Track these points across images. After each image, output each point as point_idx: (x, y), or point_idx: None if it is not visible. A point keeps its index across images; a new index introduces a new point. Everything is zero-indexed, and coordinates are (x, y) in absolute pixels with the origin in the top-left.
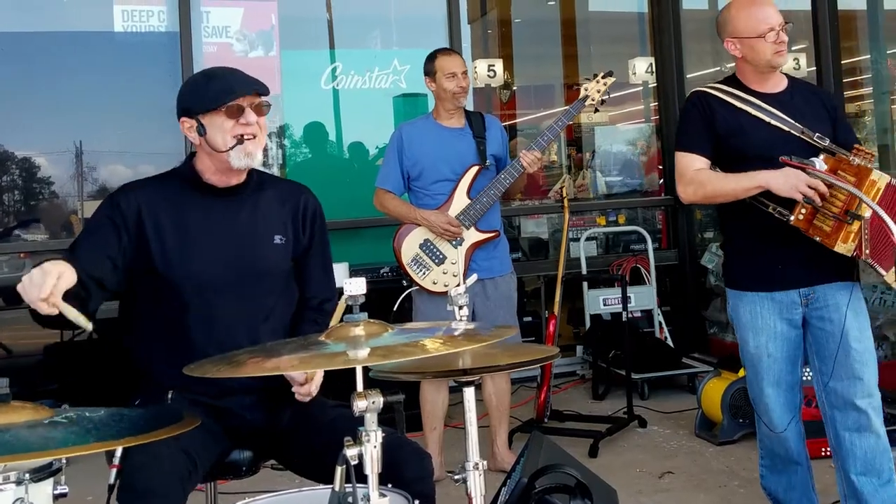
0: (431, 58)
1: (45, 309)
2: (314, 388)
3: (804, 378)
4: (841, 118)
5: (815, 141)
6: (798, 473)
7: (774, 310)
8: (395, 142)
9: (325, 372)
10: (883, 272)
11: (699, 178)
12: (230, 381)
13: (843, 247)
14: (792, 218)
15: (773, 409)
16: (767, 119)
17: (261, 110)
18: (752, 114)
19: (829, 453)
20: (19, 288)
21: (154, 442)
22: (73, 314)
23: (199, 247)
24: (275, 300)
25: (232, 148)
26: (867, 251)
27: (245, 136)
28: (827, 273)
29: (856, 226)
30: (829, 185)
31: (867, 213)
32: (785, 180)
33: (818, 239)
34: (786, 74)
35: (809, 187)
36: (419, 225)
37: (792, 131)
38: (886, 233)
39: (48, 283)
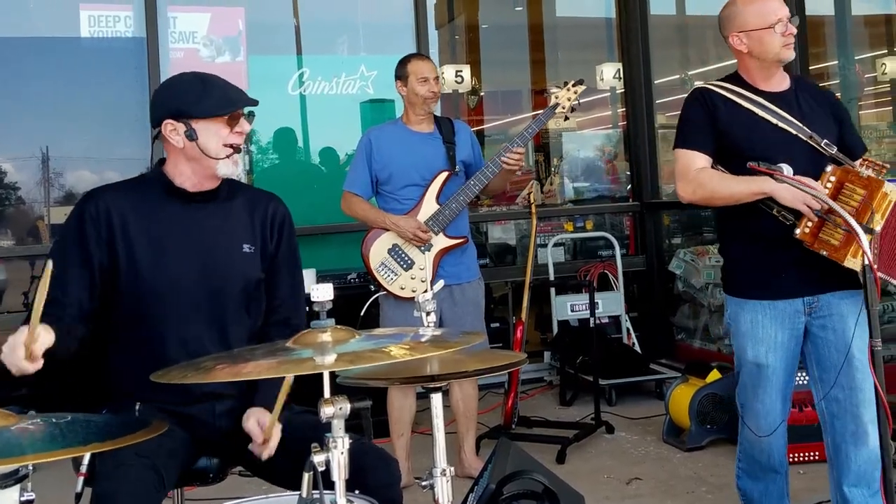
0: (404, 62)
1: (30, 368)
2: (270, 449)
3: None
4: (846, 120)
5: (822, 148)
6: (776, 482)
7: (776, 319)
8: (364, 146)
9: (293, 378)
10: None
11: (700, 178)
12: (197, 388)
13: (854, 262)
14: (798, 231)
15: (763, 417)
16: (774, 120)
17: (249, 120)
18: (758, 114)
19: (798, 459)
20: (2, 357)
21: (122, 460)
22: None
23: (168, 254)
24: (244, 309)
25: (226, 157)
26: (876, 265)
27: (237, 146)
28: (832, 281)
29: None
30: (829, 209)
31: (878, 227)
32: (792, 191)
33: (825, 253)
34: (789, 72)
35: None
36: (387, 230)
37: (799, 135)
38: None
39: (18, 352)
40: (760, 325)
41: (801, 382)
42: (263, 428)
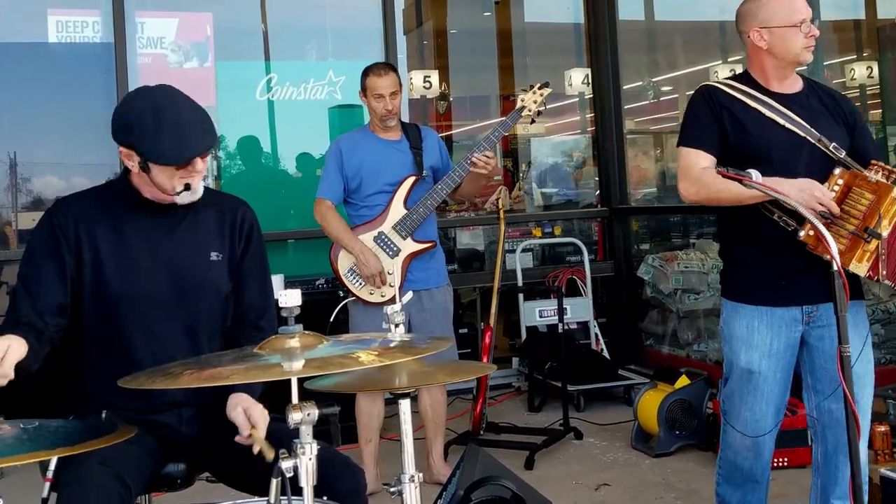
0: (364, 73)
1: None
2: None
3: None
4: (859, 125)
5: (830, 151)
6: (755, 491)
7: (773, 326)
8: (335, 154)
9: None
10: None
11: (704, 178)
12: (164, 396)
13: (858, 266)
14: (802, 233)
15: (751, 427)
16: (782, 121)
17: (205, 155)
18: (766, 114)
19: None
20: None
21: (87, 471)
22: None
23: (137, 263)
24: (214, 317)
25: (179, 192)
26: (884, 272)
27: (190, 184)
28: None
29: (873, 244)
30: (836, 217)
31: (886, 232)
32: (798, 193)
33: (828, 257)
34: (802, 76)
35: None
36: (358, 236)
37: (808, 137)
38: None
39: None
40: (756, 331)
41: None
42: (251, 418)
